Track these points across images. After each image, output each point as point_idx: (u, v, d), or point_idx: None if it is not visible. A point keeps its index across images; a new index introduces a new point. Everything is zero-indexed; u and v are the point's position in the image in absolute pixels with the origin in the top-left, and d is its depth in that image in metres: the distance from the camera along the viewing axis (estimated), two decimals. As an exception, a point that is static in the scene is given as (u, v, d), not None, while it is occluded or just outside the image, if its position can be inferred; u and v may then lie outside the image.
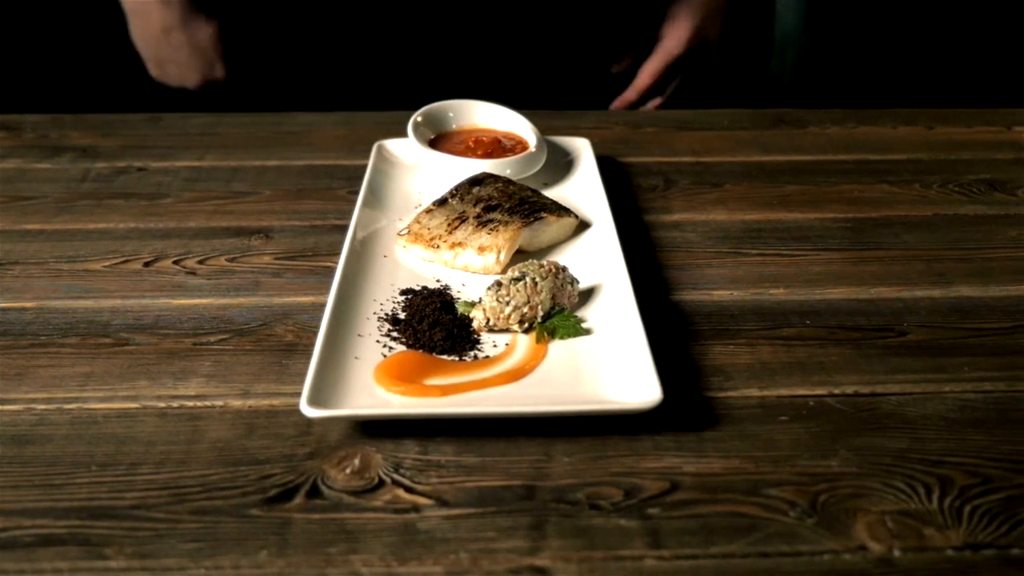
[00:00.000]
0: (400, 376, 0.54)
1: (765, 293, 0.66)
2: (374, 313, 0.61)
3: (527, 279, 0.60)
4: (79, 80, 1.29)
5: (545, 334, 0.59)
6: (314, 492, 0.48)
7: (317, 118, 0.99)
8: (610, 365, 0.56)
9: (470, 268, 0.67)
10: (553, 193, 0.78)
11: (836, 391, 0.56)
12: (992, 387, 0.56)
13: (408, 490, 0.48)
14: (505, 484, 0.48)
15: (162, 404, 0.54)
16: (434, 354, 0.57)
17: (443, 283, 0.66)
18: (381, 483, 0.48)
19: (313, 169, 0.87)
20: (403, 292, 0.64)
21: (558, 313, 0.60)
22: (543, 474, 0.49)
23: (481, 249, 0.66)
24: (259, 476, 0.49)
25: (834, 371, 0.58)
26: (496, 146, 0.84)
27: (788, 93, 1.94)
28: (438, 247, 0.67)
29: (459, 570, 0.43)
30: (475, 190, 0.74)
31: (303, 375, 0.55)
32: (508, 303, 0.59)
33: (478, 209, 0.71)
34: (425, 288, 0.64)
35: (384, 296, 0.64)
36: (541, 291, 0.59)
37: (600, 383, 0.55)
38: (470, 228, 0.68)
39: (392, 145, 0.86)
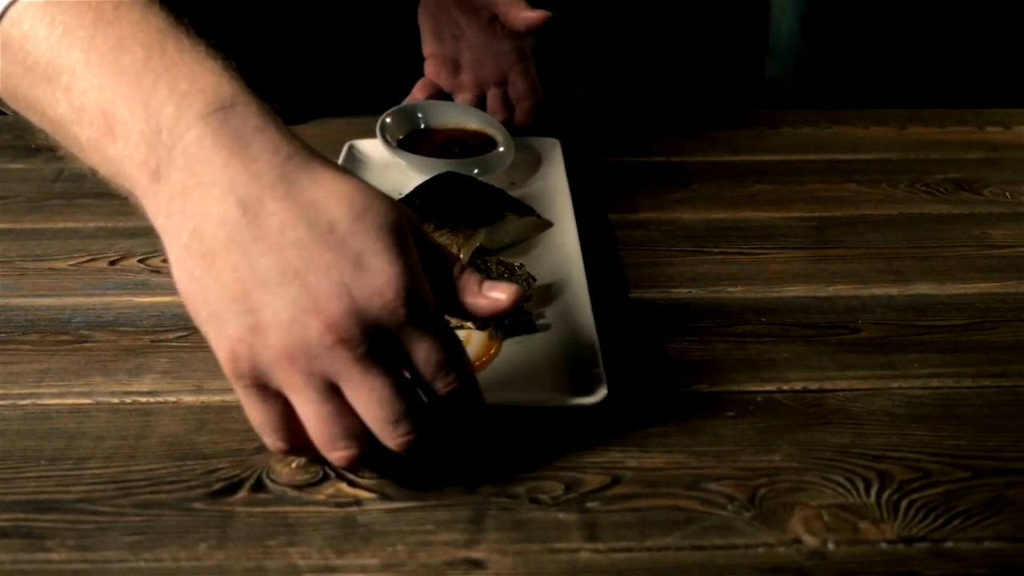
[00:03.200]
0: None
1: (723, 291, 0.67)
2: None
3: (489, 268, 0.61)
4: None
5: (498, 331, 0.59)
6: (258, 486, 0.48)
7: (293, 118, 1.00)
8: (560, 361, 0.57)
9: None
10: (520, 192, 0.79)
11: (785, 387, 0.56)
12: (940, 383, 0.57)
13: (351, 484, 0.48)
14: (448, 478, 0.49)
15: (115, 400, 0.55)
16: None
17: None
18: (325, 477, 0.49)
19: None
20: None
21: (514, 310, 0.60)
22: (486, 468, 0.50)
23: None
24: (205, 470, 0.49)
25: (785, 367, 0.58)
26: (464, 146, 0.85)
27: (786, 96, 1.94)
28: None
29: (395, 562, 0.44)
30: (439, 189, 0.74)
31: None
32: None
33: (441, 208, 0.71)
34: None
35: None
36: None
37: (549, 379, 0.55)
38: (431, 227, 0.69)
39: (363, 145, 0.86)
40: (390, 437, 0.43)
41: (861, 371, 0.58)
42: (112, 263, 0.70)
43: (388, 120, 0.85)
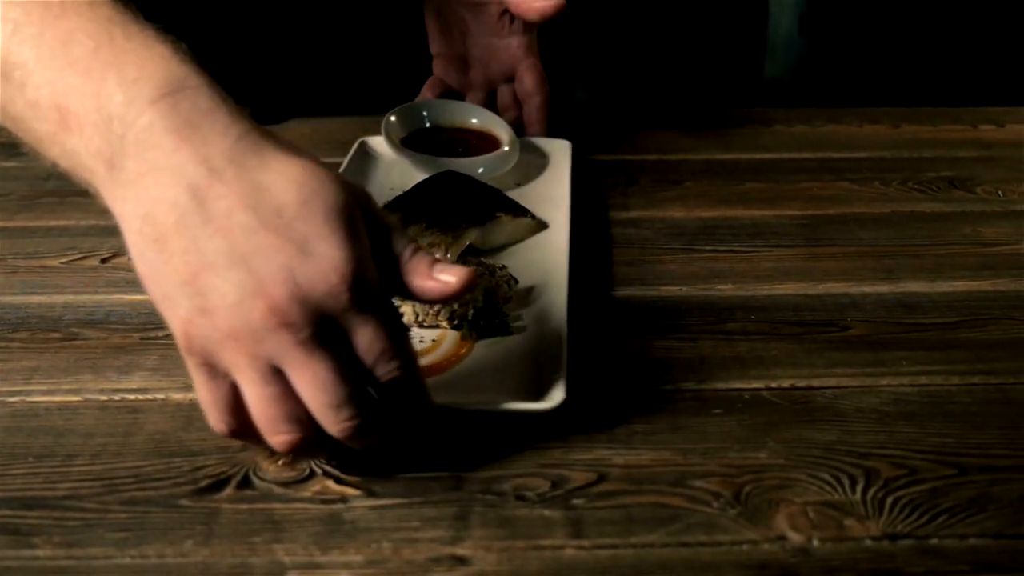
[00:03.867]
0: None
1: (713, 289, 0.67)
2: None
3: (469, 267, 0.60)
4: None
5: (472, 332, 0.59)
6: (245, 483, 0.48)
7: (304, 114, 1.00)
8: (525, 366, 0.56)
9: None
10: (522, 192, 0.79)
11: (773, 384, 0.56)
12: (928, 380, 0.57)
13: (338, 481, 0.49)
14: (434, 475, 0.49)
15: (104, 397, 0.55)
16: None
17: None
18: (312, 474, 0.49)
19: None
20: None
21: (490, 312, 0.60)
22: (473, 465, 0.50)
23: (429, 246, 0.67)
24: (192, 467, 0.49)
25: (773, 365, 0.58)
26: (468, 145, 0.85)
27: (785, 95, 1.94)
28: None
29: (380, 559, 0.44)
30: (434, 188, 0.74)
31: None
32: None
33: (433, 207, 0.71)
34: None
35: None
36: (475, 288, 0.60)
37: (511, 383, 0.55)
38: (422, 226, 0.69)
39: (374, 142, 0.86)
40: (332, 422, 0.44)
41: (850, 369, 0.58)
42: (103, 261, 0.71)
43: (393, 118, 0.85)
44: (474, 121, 0.88)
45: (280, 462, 0.50)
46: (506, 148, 0.83)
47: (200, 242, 0.42)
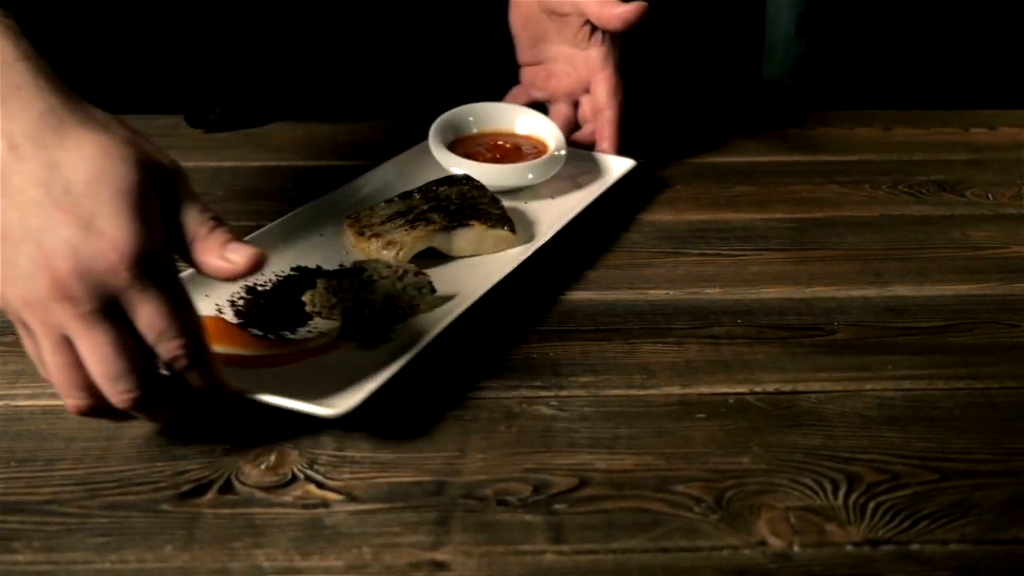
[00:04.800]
0: None
1: (700, 292, 0.67)
2: (249, 281, 0.62)
3: (364, 274, 0.60)
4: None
5: (348, 333, 0.58)
6: (226, 487, 0.48)
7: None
8: (355, 370, 0.54)
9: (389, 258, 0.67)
10: (541, 204, 0.78)
11: (757, 389, 0.56)
12: (912, 385, 0.57)
13: (319, 486, 0.49)
14: (416, 480, 0.49)
15: (88, 401, 0.55)
16: (251, 328, 0.58)
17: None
18: (294, 479, 0.49)
19: (268, 170, 0.88)
20: (294, 268, 0.64)
21: (383, 316, 0.59)
22: (455, 470, 0.50)
23: (389, 243, 0.67)
24: (174, 472, 0.49)
25: (758, 369, 0.58)
26: (511, 152, 0.83)
27: (783, 97, 1.94)
28: (364, 235, 0.68)
29: (360, 564, 0.44)
30: (440, 189, 0.73)
31: (232, 372, 0.56)
32: (336, 294, 0.59)
33: (427, 207, 0.71)
34: (319, 267, 0.65)
35: (278, 267, 0.65)
36: (376, 290, 0.59)
37: (329, 383, 0.53)
38: (400, 222, 0.69)
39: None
40: (111, 393, 0.46)
41: (835, 373, 0.58)
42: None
43: (442, 121, 0.84)
44: (522, 127, 0.86)
45: (262, 466, 0.50)
46: (547, 156, 0.80)
47: (1, 214, 0.44)
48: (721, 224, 0.77)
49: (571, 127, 0.89)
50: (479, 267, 0.67)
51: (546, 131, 0.85)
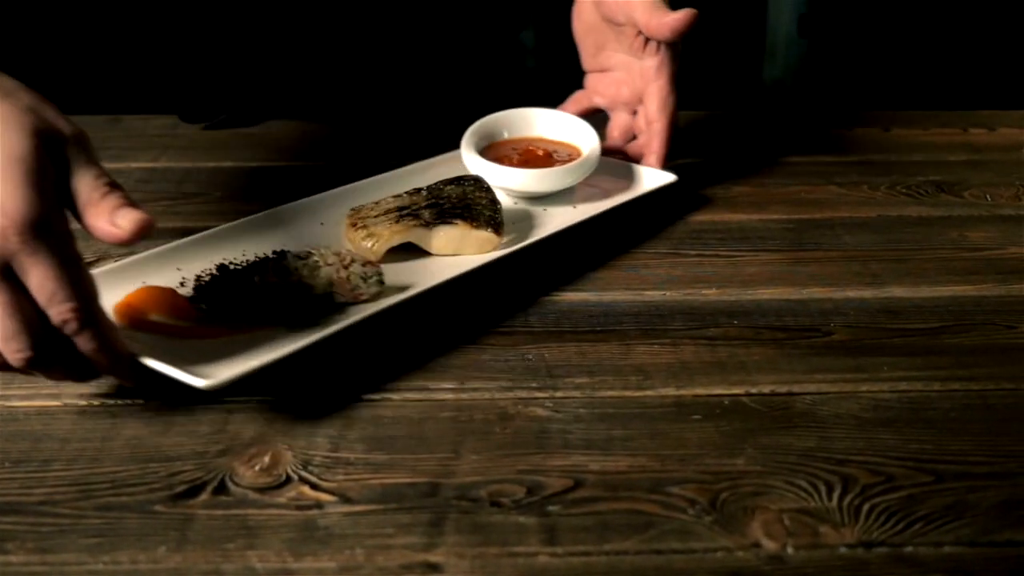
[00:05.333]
0: (134, 302, 0.58)
1: (697, 293, 0.67)
2: (223, 259, 0.64)
3: (311, 259, 0.61)
4: (44, 82, 1.30)
5: (277, 316, 0.59)
6: (220, 489, 0.48)
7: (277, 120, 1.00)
8: (250, 348, 0.56)
9: (359, 250, 0.67)
10: (555, 211, 0.76)
11: (753, 390, 0.56)
12: (908, 387, 0.57)
13: (313, 487, 0.48)
14: (410, 481, 0.49)
15: (83, 402, 0.55)
16: (200, 303, 0.60)
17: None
18: (288, 480, 0.49)
19: (266, 171, 0.88)
20: (275, 251, 0.64)
21: (319, 303, 0.60)
22: (449, 471, 0.50)
23: (369, 235, 0.67)
24: (168, 473, 0.49)
25: (754, 371, 0.58)
26: (539, 158, 0.80)
27: (784, 97, 1.93)
28: (355, 225, 0.68)
29: (353, 565, 0.44)
30: (447, 188, 0.73)
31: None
32: (282, 276, 0.60)
33: (425, 204, 0.70)
34: (285, 251, 0.64)
35: (266, 249, 0.66)
36: (319, 276, 0.60)
37: (226, 356, 0.55)
38: (394, 216, 0.68)
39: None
40: (5, 352, 0.48)
41: (830, 374, 0.58)
42: (89, 264, 0.70)
43: (479, 124, 0.83)
44: (560, 133, 0.84)
45: (256, 467, 0.50)
46: (567, 165, 0.78)
47: None
48: (719, 225, 0.77)
49: (628, 137, 0.86)
50: (454, 266, 0.66)
51: (583, 139, 0.82)
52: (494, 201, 0.72)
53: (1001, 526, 0.46)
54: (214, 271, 0.62)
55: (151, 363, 0.52)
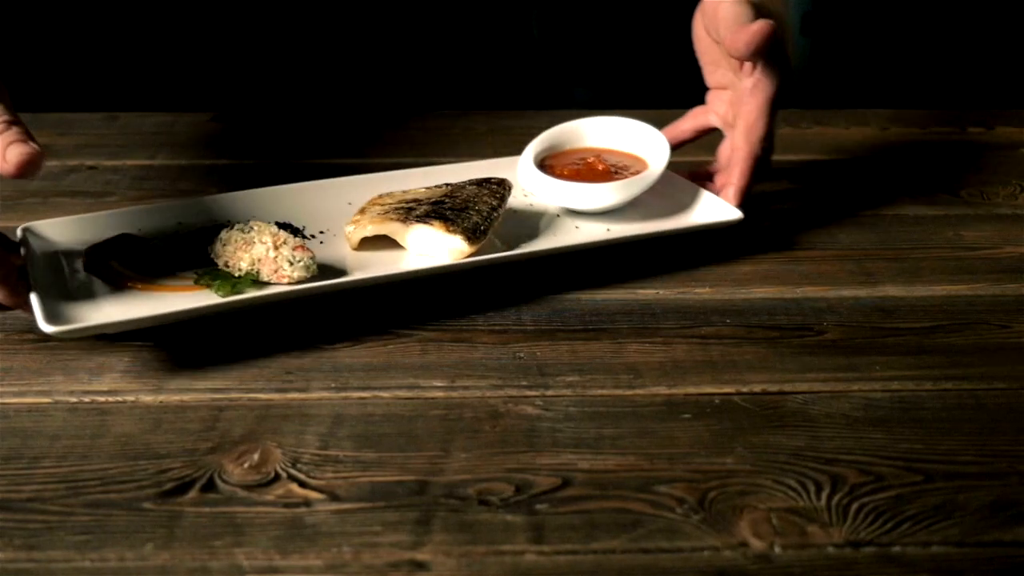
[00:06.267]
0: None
1: (690, 292, 0.67)
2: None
3: (249, 234, 0.63)
4: (42, 79, 1.30)
5: (209, 281, 0.63)
6: (209, 486, 0.48)
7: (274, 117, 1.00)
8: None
9: (346, 234, 0.69)
10: (587, 227, 0.73)
11: (744, 389, 0.56)
12: (900, 386, 0.56)
13: (302, 485, 0.48)
14: (399, 479, 0.49)
15: (74, 399, 0.55)
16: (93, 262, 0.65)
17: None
18: (276, 477, 0.49)
19: (262, 168, 0.88)
20: (279, 223, 0.67)
21: (241, 280, 0.62)
22: (438, 470, 0.50)
23: (354, 222, 0.68)
24: (157, 470, 0.49)
25: (745, 369, 0.58)
26: (595, 172, 0.76)
27: (788, 95, 1.93)
28: (361, 210, 0.70)
29: (339, 563, 0.44)
30: (466, 188, 0.72)
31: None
32: (224, 244, 0.64)
33: (433, 200, 0.70)
34: (244, 226, 0.65)
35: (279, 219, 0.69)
36: (251, 250, 0.62)
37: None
38: (399, 207, 0.68)
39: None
40: None
41: (822, 373, 0.58)
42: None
43: (554, 130, 0.80)
44: (631, 145, 0.80)
45: (245, 465, 0.50)
46: (605, 184, 0.73)
47: None
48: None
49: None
50: (407, 265, 0.67)
51: (655, 157, 0.76)
52: (495, 209, 0.70)
53: (989, 526, 0.46)
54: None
55: (33, 299, 0.58)
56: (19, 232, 0.67)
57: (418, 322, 0.63)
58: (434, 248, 0.66)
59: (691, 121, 0.82)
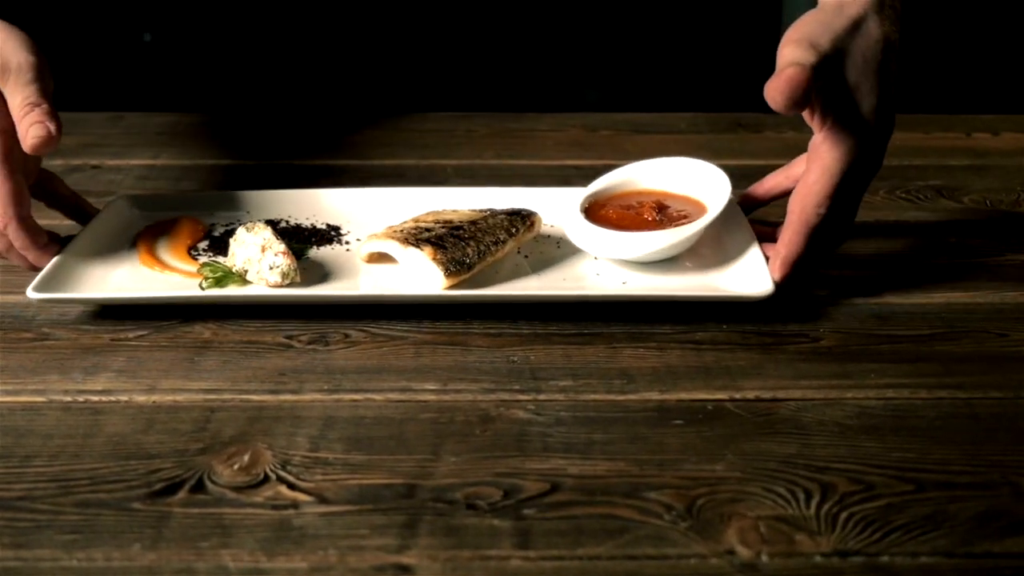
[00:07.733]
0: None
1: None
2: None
3: (256, 235, 0.65)
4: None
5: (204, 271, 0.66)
6: (198, 487, 0.48)
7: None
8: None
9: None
10: (606, 272, 0.69)
11: (737, 396, 0.56)
12: (894, 394, 0.56)
13: (291, 487, 0.49)
14: (387, 482, 0.49)
15: (68, 398, 0.55)
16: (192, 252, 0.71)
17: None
18: (266, 479, 0.49)
19: (264, 168, 0.88)
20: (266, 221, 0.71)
21: (233, 275, 0.65)
22: (427, 473, 0.50)
23: (369, 236, 0.69)
24: (148, 470, 0.50)
25: (739, 376, 0.58)
26: (646, 223, 0.70)
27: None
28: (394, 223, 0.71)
29: (324, 566, 0.44)
30: (497, 216, 0.70)
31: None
32: (235, 240, 0.67)
33: (451, 224, 0.69)
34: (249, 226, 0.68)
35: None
36: (238, 252, 0.66)
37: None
38: (413, 227, 0.68)
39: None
40: None
41: (816, 381, 0.57)
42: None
43: (620, 171, 0.76)
44: (680, 186, 0.74)
45: (235, 466, 0.50)
46: (663, 233, 0.67)
47: None
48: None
49: None
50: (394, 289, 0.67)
51: (713, 206, 0.70)
52: (498, 243, 0.68)
53: (979, 537, 0.45)
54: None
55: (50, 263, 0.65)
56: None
57: (414, 324, 0.63)
58: (424, 272, 0.65)
59: (786, 170, 0.73)
